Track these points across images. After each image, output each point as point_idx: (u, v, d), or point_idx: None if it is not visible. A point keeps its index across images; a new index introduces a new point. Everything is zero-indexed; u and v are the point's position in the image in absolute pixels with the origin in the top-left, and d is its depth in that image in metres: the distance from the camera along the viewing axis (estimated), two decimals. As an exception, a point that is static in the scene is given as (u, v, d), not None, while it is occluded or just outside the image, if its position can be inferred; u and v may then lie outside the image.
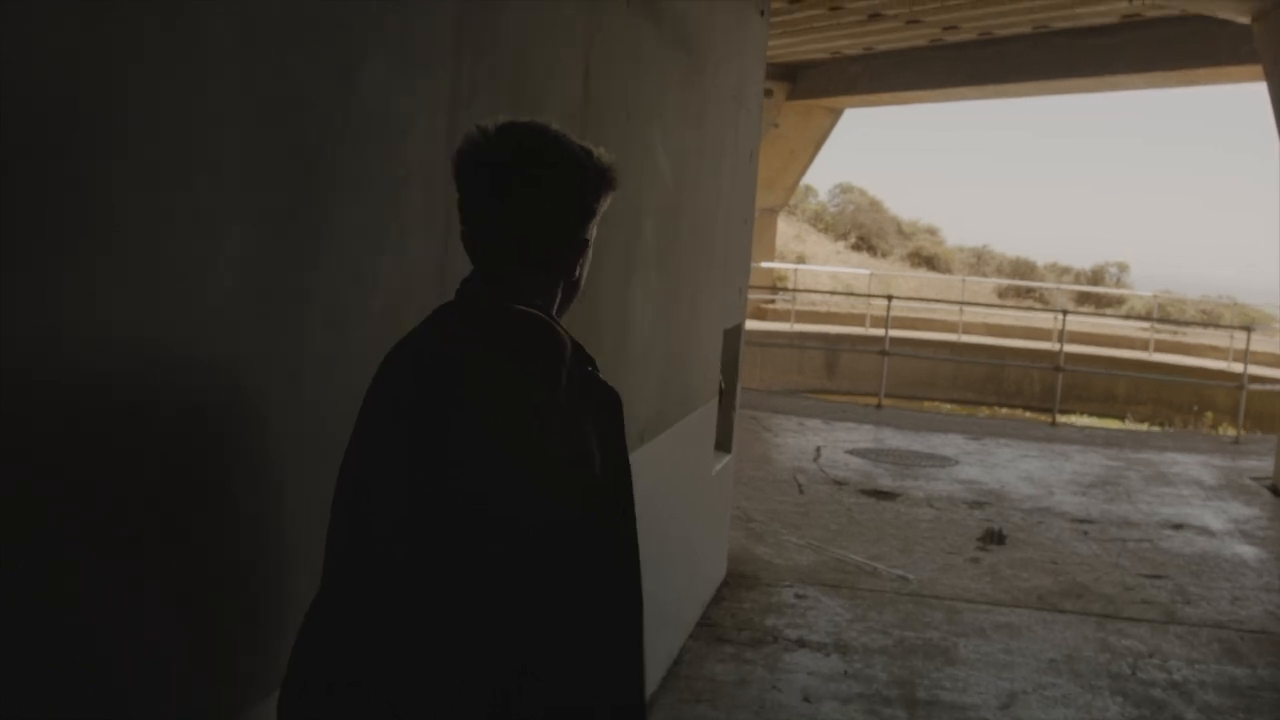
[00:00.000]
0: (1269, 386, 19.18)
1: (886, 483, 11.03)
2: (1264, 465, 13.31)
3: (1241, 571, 8.76)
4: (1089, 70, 20.40)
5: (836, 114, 28.04)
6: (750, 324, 26.10)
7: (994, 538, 9.19)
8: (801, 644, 6.61)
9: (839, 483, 10.84)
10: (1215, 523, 10.32)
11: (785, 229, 36.79)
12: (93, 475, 1.80)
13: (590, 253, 2.20)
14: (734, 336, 7.36)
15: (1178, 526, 10.04)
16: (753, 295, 27.23)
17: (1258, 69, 16.49)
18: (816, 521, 9.33)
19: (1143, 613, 7.62)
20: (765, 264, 29.53)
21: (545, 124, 2.12)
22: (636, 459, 2.63)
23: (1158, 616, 7.56)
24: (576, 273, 2.17)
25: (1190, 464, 13.21)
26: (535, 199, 2.07)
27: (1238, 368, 25.19)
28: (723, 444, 7.40)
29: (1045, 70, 21.00)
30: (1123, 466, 12.78)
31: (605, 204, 2.16)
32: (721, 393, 7.04)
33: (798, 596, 7.47)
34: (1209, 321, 32.52)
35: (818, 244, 40.63)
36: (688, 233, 5.60)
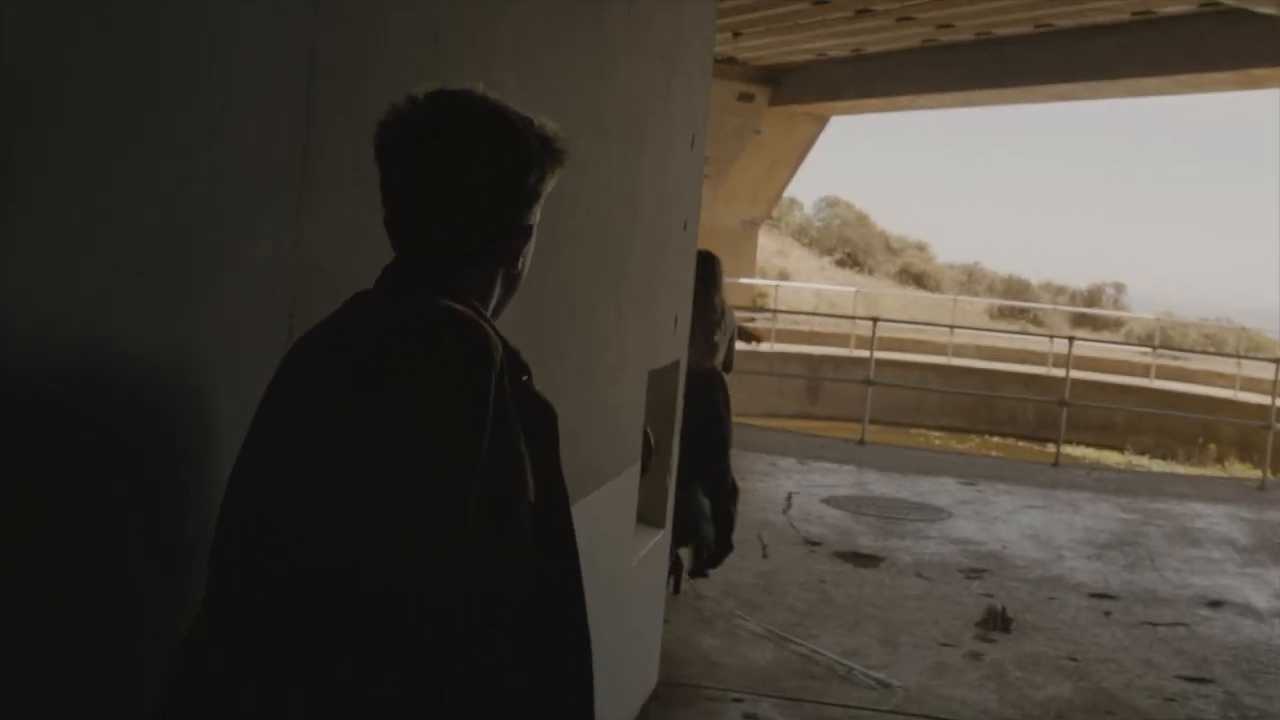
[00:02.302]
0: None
1: (868, 542, 9.32)
2: (1298, 518, 11.68)
3: (1304, 672, 7.08)
4: (1094, 74, 18.84)
5: (822, 121, 26.50)
6: (725, 344, 24.53)
7: (997, 621, 7.50)
8: (747, 798, 4.92)
9: (812, 543, 9.13)
10: (1258, 598, 8.63)
11: (767, 243, 35.12)
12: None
13: (534, 240, 2.00)
14: (667, 379, 5.65)
15: (1215, 604, 8.35)
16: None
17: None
18: (781, 598, 7.62)
19: (1193, 739, 5.94)
20: (745, 280, 28.04)
21: (482, 93, 1.90)
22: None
23: (1212, 745, 5.88)
24: (518, 264, 1.98)
25: (1216, 516, 11.54)
26: (468, 179, 1.85)
27: (1244, 397, 23.88)
28: (653, 518, 5.70)
29: (1047, 73, 19.45)
30: (1140, 520, 11.09)
31: (551, 183, 1.95)
32: (650, 452, 5.33)
33: (746, 717, 5.76)
34: (1215, 349, 30.98)
35: (802, 259, 38.96)
36: (577, 241, 3.90)
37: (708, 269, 7.42)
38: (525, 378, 1.93)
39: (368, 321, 1.81)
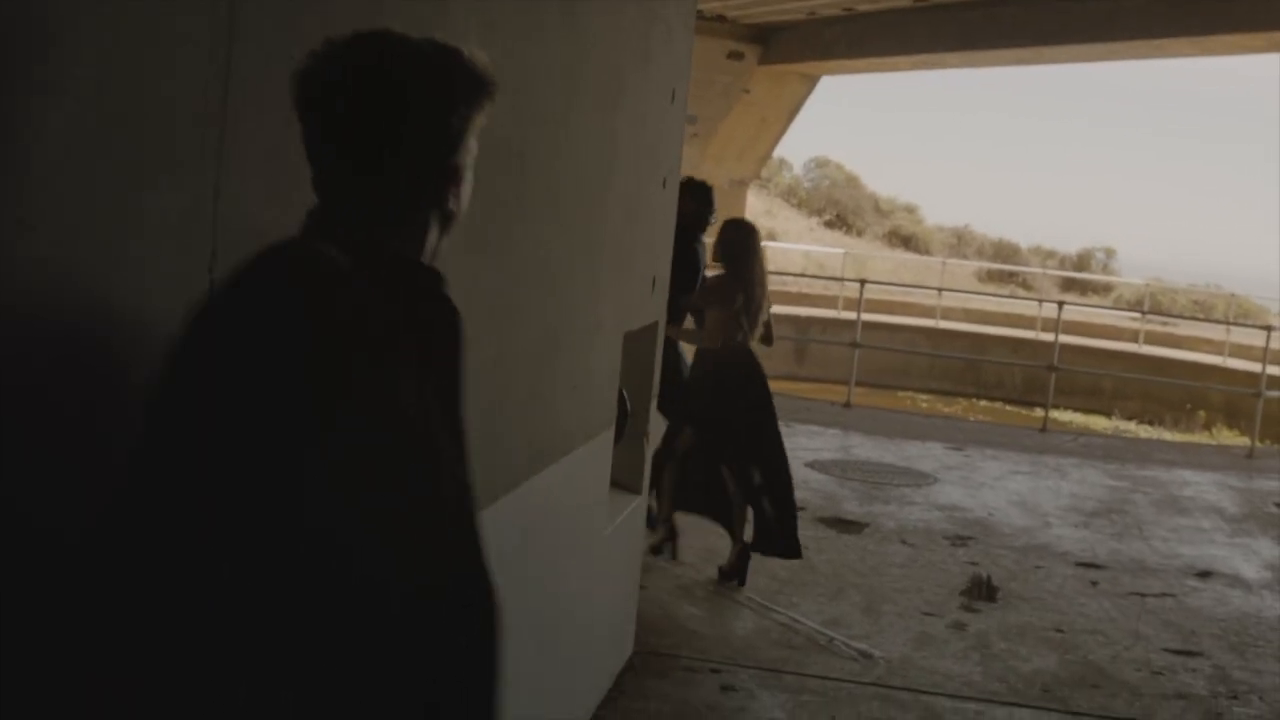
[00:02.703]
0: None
1: (852, 508, 9.16)
2: (1287, 487, 11.54)
3: (1293, 645, 6.94)
4: (1090, 35, 18.56)
5: (812, 81, 26.21)
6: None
7: (982, 590, 7.34)
8: (721, 775, 4.77)
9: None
10: (1247, 569, 8.49)
11: (756, 203, 34.82)
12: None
13: (469, 177, 1.87)
14: (644, 341, 5.47)
15: (1204, 574, 8.21)
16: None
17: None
18: (761, 565, 7.42)
19: (1180, 715, 5.79)
20: (733, 240, 27.82)
21: (400, 33, 1.78)
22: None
23: (1200, 721, 5.74)
24: (449, 203, 1.85)
25: (1204, 484, 11.39)
26: (390, 122, 1.74)
27: (1233, 363, 23.75)
28: (629, 484, 5.53)
29: (1040, 35, 19.16)
30: (1128, 487, 10.94)
31: (481, 119, 1.84)
32: (626, 416, 5.16)
33: (724, 689, 5.60)
34: (1204, 315, 30.84)
35: (790, 220, 38.70)
36: (547, 198, 3.70)
37: (746, 238, 7.19)
38: (428, 285, 1.81)
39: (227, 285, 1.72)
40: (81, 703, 1.58)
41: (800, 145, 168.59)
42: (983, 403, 23.84)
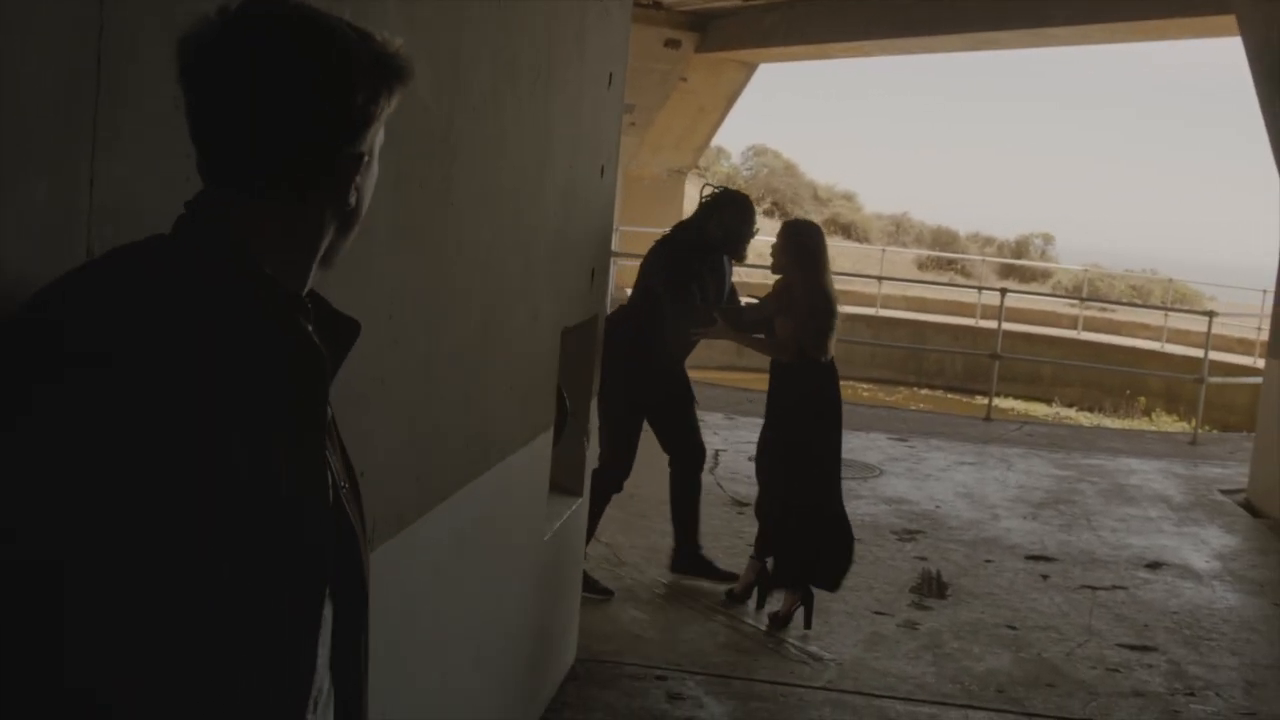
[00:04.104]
0: (1237, 380, 17.33)
1: (797, 502, 8.97)
2: (1230, 474, 11.48)
3: (1247, 638, 6.81)
4: (1026, 22, 18.47)
5: (750, 69, 25.99)
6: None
7: (932, 586, 7.19)
8: (669, 790, 4.56)
9: (740, 503, 8.76)
10: (1197, 559, 8.39)
11: (694, 193, 34.50)
12: None
13: (374, 169, 1.66)
14: (584, 336, 5.24)
15: (1154, 566, 8.09)
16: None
17: (1221, 21, 14.70)
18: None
19: (1138, 714, 5.64)
20: (671, 230, 27.65)
21: (301, 2, 1.56)
22: (390, 555, 1.96)
23: (1158, 720, 5.59)
24: (350, 199, 1.62)
25: (1150, 473, 11.31)
26: (283, 101, 1.51)
27: (1171, 349, 23.84)
28: (569, 486, 5.30)
29: (980, 21, 19.04)
30: (1074, 477, 10.84)
31: (391, 105, 1.62)
32: (565, 416, 4.92)
33: (671, 697, 5.39)
34: (1141, 300, 30.98)
35: (729, 209, 38.59)
36: (479, 188, 3.46)
37: (820, 240, 6.48)
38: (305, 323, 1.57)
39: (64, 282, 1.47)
40: None
41: (738, 134, 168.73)
42: (924, 391, 23.78)
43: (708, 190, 6.81)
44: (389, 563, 2.83)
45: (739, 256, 6.79)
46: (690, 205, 7.27)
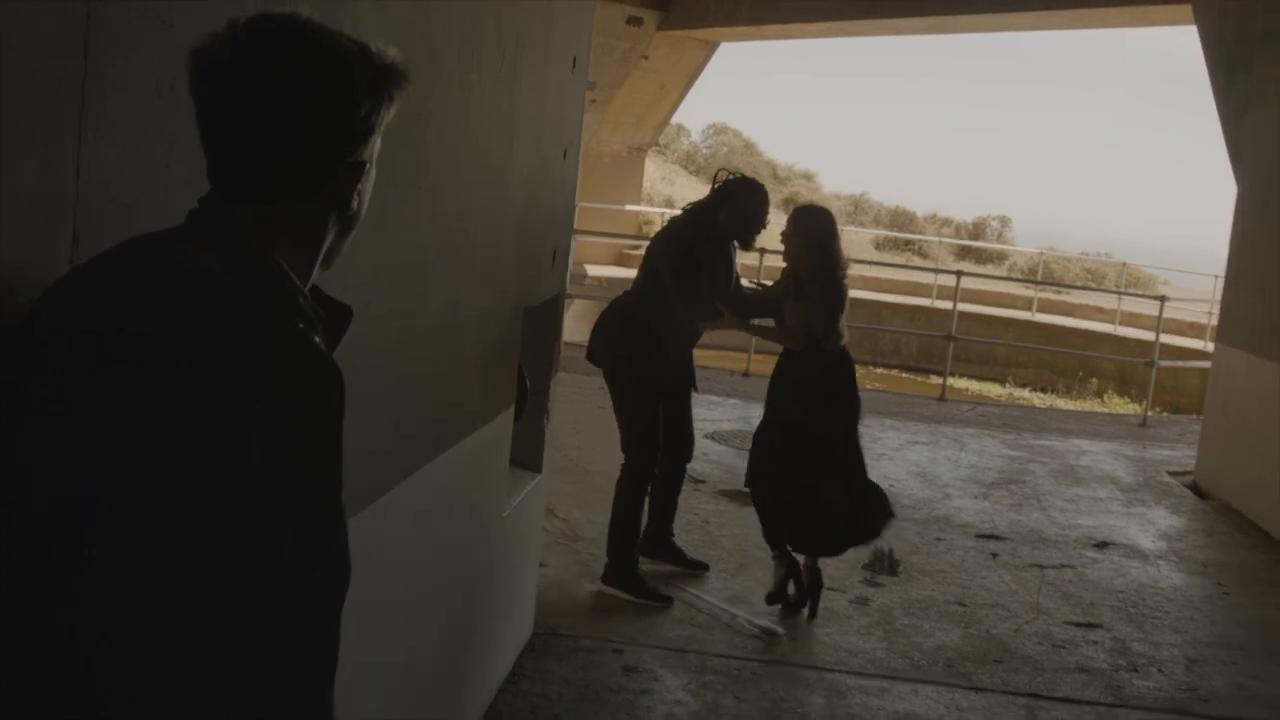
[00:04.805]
0: (1188, 364, 17.54)
1: (753, 480, 9.07)
2: (1178, 456, 11.69)
3: (1190, 616, 6.98)
4: (986, 6, 18.61)
5: (712, 47, 26.01)
6: (614, 271, 24.13)
7: (884, 564, 7.31)
8: (625, 760, 4.66)
9: (695, 480, 8.84)
10: (1144, 539, 8.56)
11: (653, 170, 34.65)
12: None
13: (373, 174, 1.78)
14: (546, 315, 5.32)
15: (1102, 545, 8.25)
16: (617, 241, 25.73)
17: (1178, 9, 14.88)
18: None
19: (1082, 689, 5.79)
20: (631, 207, 27.70)
21: (305, 17, 1.66)
22: (357, 530, 1.86)
23: (1102, 695, 5.74)
24: (352, 204, 1.75)
25: (1100, 454, 11.50)
26: (290, 114, 1.62)
27: (1124, 332, 24.11)
28: (528, 462, 5.39)
29: (936, 5, 19.16)
30: (1026, 457, 11.01)
31: (388, 115, 1.74)
32: (525, 394, 5.00)
33: (627, 670, 5.49)
34: (1095, 284, 31.25)
35: (688, 187, 38.39)
36: (446, 169, 3.53)
37: (832, 224, 6.41)
38: (302, 326, 1.65)
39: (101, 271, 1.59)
40: None
41: (698, 112, 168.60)
42: (879, 370, 23.95)
43: (722, 175, 6.66)
44: (356, 536, 2.90)
45: (748, 245, 6.67)
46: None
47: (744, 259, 6.91)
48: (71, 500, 1.46)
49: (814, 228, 6.33)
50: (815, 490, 6.17)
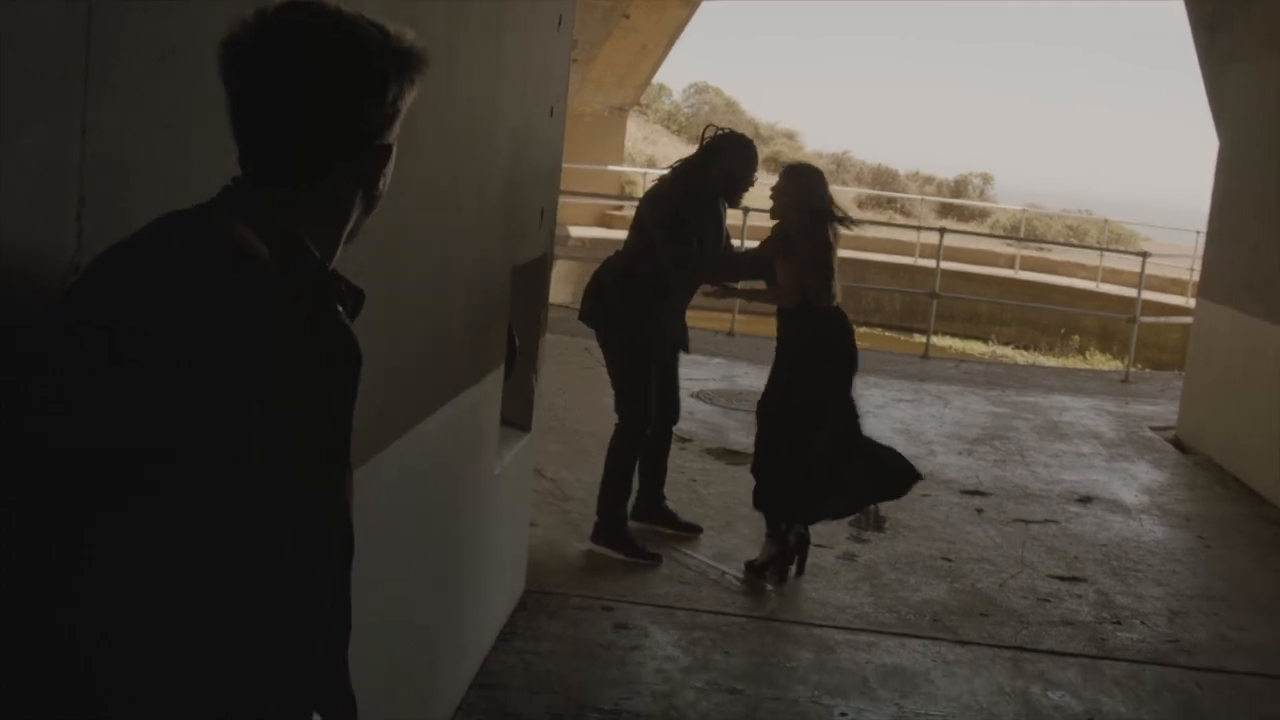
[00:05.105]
0: (1169, 319, 17.63)
1: (739, 439, 9.10)
2: (1160, 411, 11.76)
3: (1172, 569, 7.06)
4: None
5: (693, 6, 25.97)
6: (596, 232, 24.04)
7: (870, 520, 7.35)
8: None
9: (682, 439, 8.86)
10: (1126, 493, 8.64)
11: (635, 130, 34.59)
12: None
13: (394, 157, 1.81)
14: (534, 275, 5.34)
15: (1085, 500, 8.33)
16: (599, 201, 25.66)
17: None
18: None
19: (1066, 641, 5.85)
20: (613, 167, 27.63)
21: (332, 5, 1.70)
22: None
23: (1086, 648, 5.80)
24: (379, 185, 1.81)
25: (1082, 410, 11.57)
26: (320, 102, 1.67)
27: (1106, 288, 24.18)
28: (518, 421, 5.41)
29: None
30: (1009, 414, 11.07)
31: (410, 98, 1.79)
32: (514, 353, 5.02)
33: (617, 627, 5.54)
34: (1078, 240, 31.32)
35: (670, 146, 38.33)
36: (435, 130, 3.54)
37: (823, 183, 6.34)
38: (339, 307, 1.71)
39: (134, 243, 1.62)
40: None
41: (680, 71, 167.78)
42: (863, 329, 23.92)
43: (711, 132, 6.56)
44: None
45: (735, 203, 6.65)
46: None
47: (729, 218, 6.86)
48: (72, 500, 1.48)
49: (804, 185, 6.29)
50: (804, 451, 6.19)
